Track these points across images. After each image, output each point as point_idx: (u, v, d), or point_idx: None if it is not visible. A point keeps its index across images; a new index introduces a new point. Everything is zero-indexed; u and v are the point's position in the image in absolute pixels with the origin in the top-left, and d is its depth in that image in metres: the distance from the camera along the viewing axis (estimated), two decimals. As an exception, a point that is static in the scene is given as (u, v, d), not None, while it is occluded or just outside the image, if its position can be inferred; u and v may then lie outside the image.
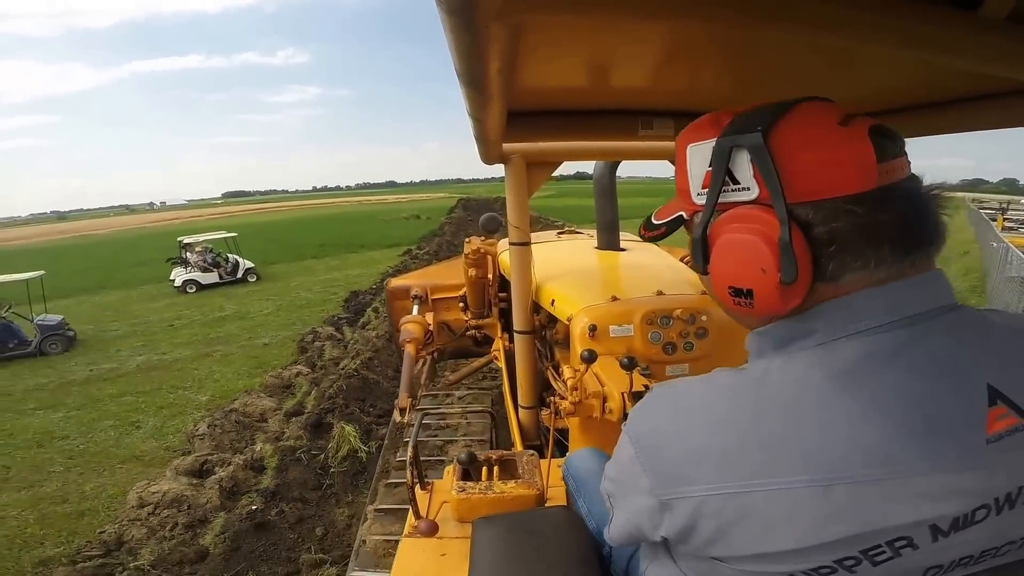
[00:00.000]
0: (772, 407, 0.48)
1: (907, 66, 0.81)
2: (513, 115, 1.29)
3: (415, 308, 3.17)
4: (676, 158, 0.59)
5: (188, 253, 14.19)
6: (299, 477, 4.04)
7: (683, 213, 0.60)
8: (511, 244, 1.95)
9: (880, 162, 0.47)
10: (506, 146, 1.70)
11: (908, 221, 0.49)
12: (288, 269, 16.33)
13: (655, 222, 0.65)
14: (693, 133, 0.56)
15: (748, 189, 0.50)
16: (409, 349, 2.57)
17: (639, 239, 2.81)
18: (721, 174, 0.52)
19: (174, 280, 13.72)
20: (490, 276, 2.67)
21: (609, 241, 2.63)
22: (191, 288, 13.40)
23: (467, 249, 2.44)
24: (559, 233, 3.43)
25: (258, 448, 4.47)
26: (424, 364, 3.29)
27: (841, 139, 0.48)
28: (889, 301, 0.49)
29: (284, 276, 14.99)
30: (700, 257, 0.56)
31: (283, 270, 16.15)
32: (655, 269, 2.31)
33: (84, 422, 5.87)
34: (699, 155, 0.55)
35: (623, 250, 2.61)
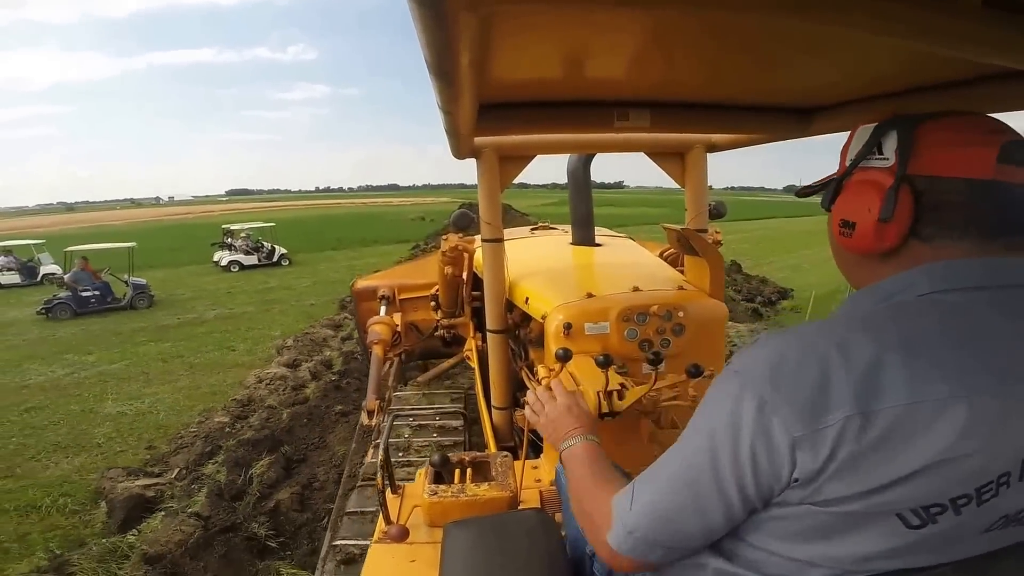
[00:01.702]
0: (905, 332, 0.52)
1: (883, 53, 0.82)
2: (484, 108, 1.26)
3: (382, 309, 3.11)
4: (848, 136, 0.69)
5: (231, 239, 16.60)
6: (357, 368, 6.23)
7: (836, 176, 0.69)
8: (483, 241, 1.93)
9: (1001, 163, 0.55)
10: (478, 140, 1.65)
11: (1009, 214, 0.57)
12: (313, 257, 18.76)
13: (813, 184, 0.74)
14: (868, 120, 0.65)
15: (887, 159, 0.61)
16: (377, 350, 2.51)
17: (615, 234, 2.94)
18: (872, 144, 0.62)
19: (219, 261, 16.19)
20: (465, 273, 2.63)
21: (584, 237, 2.56)
22: (235, 267, 15.88)
23: (444, 246, 2.40)
24: (533, 229, 3.38)
25: (327, 354, 6.70)
26: (392, 365, 3.21)
27: (975, 138, 0.57)
28: (987, 269, 0.56)
29: (311, 262, 17.43)
30: (829, 197, 0.68)
31: (309, 258, 18.57)
32: (631, 265, 2.28)
33: (190, 348, 8.12)
34: (864, 132, 0.65)
35: (598, 245, 2.57)
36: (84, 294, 10.89)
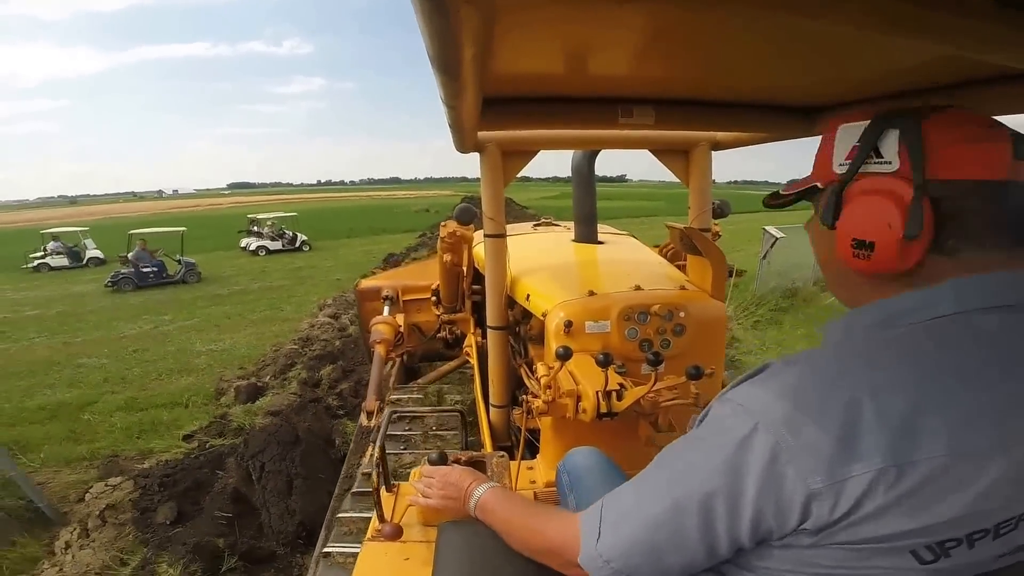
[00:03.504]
0: (938, 370, 0.49)
1: (892, 52, 0.80)
2: (488, 102, 1.27)
3: (386, 309, 3.15)
4: (824, 135, 0.65)
5: (258, 227, 18.85)
6: (385, 319, 8.20)
7: (818, 183, 0.64)
8: (486, 236, 1.92)
9: (1016, 159, 0.52)
10: (481, 134, 1.67)
11: None
12: (330, 244, 20.84)
13: (783, 193, 0.70)
14: (849, 117, 0.62)
15: (890, 163, 0.56)
16: (379, 350, 2.54)
17: (617, 232, 2.99)
18: (868, 147, 0.57)
19: (247, 246, 18.36)
20: (464, 266, 2.64)
21: (587, 234, 2.55)
22: (262, 252, 17.98)
23: (443, 232, 2.36)
24: (535, 225, 3.36)
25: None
26: (393, 366, 3.26)
27: (984, 133, 0.54)
28: (1019, 284, 0.52)
29: (330, 248, 19.51)
30: (831, 213, 0.60)
31: (326, 244, 20.64)
32: (633, 263, 2.28)
33: (246, 310, 10.06)
34: (849, 133, 0.60)
35: (601, 243, 2.57)
36: (144, 270, 12.96)
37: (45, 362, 7.75)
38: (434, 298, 3.22)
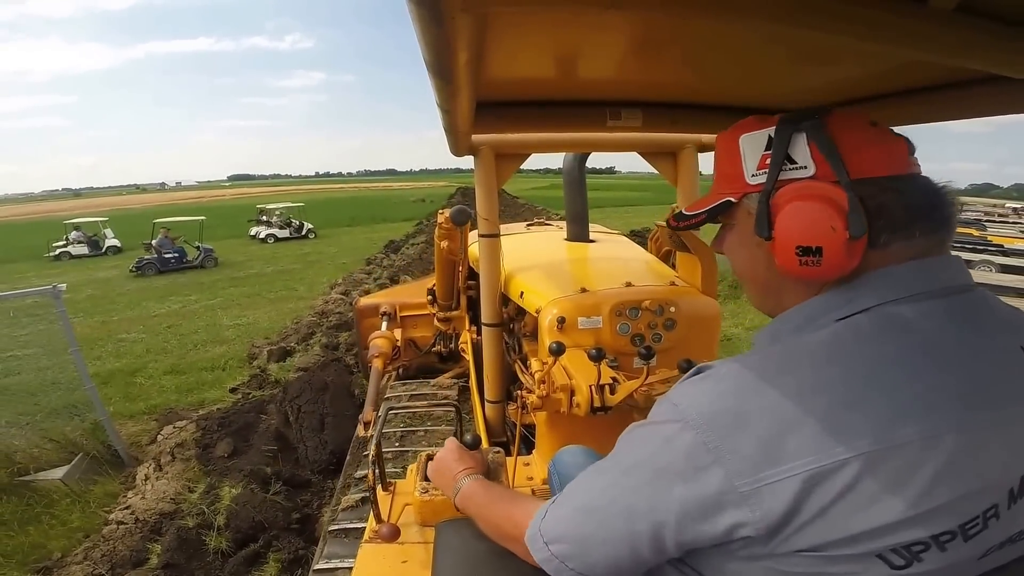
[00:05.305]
0: (859, 364, 0.50)
1: (863, 58, 0.83)
2: (482, 106, 1.30)
3: (384, 324, 3.28)
4: (721, 150, 0.66)
5: (266, 216, 19.89)
6: (391, 296, 9.20)
7: (731, 198, 0.64)
8: (480, 236, 1.97)
9: (910, 155, 0.58)
10: (475, 138, 1.71)
11: (933, 204, 0.57)
12: (333, 232, 21.89)
13: (689, 213, 0.69)
14: (744, 127, 0.63)
15: (805, 168, 0.58)
16: (377, 363, 2.64)
17: (608, 231, 3.14)
18: (781, 155, 0.58)
19: (257, 234, 19.39)
20: (459, 256, 2.64)
21: (578, 233, 2.63)
22: (271, 240, 19.04)
23: (440, 219, 2.38)
24: (528, 225, 3.47)
25: (367, 287, 9.65)
26: (390, 379, 3.36)
27: (879, 133, 0.57)
28: (930, 273, 0.55)
29: (334, 236, 20.55)
30: (765, 224, 0.59)
31: (330, 232, 21.67)
32: (624, 260, 2.35)
33: (263, 289, 11.09)
34: (753, 143, 0.62)
35: (592, 241, 2.65)
36: (167, 256, 14.04)
37: (87, 338, 8.58)
38: (430, 296, 3.28)
